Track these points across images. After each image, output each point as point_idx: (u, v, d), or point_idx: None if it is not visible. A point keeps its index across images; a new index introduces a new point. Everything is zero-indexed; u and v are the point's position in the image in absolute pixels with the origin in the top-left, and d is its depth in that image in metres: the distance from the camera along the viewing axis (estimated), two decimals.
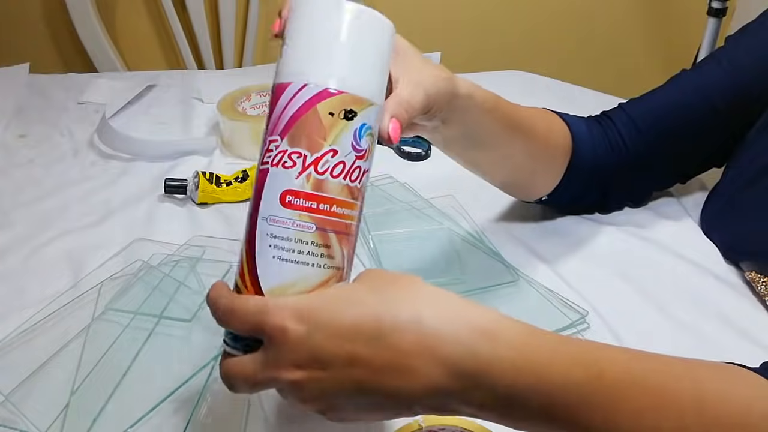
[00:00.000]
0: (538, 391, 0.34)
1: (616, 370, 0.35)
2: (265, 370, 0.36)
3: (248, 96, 0.92)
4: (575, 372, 0.34)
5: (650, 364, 0.37)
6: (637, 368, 0.36)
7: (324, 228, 0.38)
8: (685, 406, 0.34)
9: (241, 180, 0.77)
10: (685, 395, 0.35)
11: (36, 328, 0.56)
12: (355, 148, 0.38)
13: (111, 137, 0.87)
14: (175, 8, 1.50)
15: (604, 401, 0.34)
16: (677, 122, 0.65)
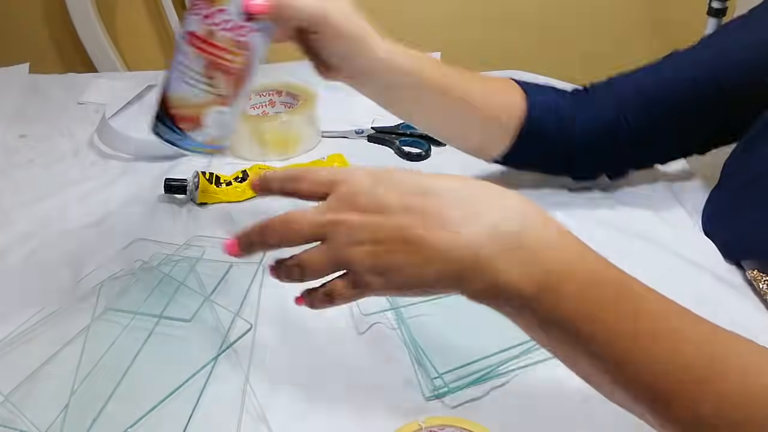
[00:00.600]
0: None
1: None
2: (328, 213, 0.39)
3: (248, 96, 0.92)
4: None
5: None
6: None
7: (210, 65, 0.53)
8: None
9: (241, 180, 0.77)
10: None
11: (36, 328, 0.56)
12: (243, 11, 0.51)
13: (111, 137, 0.87)
14: (175, 8, 1.50)
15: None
16: (680, 97, 0.65)
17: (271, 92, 0.93)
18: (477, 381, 0.50)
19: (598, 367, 0.36)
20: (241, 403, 0.49)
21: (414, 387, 0.50)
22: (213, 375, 0.51)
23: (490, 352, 0.52)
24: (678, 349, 0.35)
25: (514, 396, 0.49)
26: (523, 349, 0.52)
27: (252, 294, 0.60)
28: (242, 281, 0.61)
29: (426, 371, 0.51)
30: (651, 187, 0.76)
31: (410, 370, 0.52)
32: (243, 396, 0.49)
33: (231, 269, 0.63)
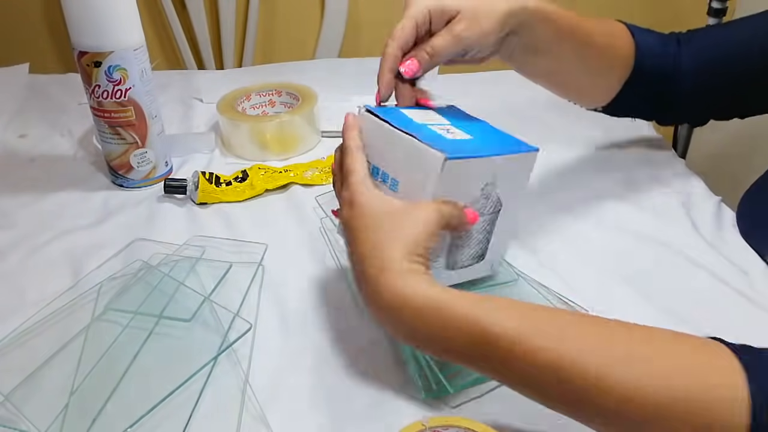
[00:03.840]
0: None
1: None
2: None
3: (248, 96, 0.92)
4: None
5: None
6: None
7: (113, 125, 0.75)
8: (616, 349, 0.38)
9: (241, 180, 0.77)
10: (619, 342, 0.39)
11: (36, 328, 0.56)
12: (110, 80, 0.71)
13: None
14: (175, 8, 1.50)
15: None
16: (749, 60, 0.65)
17: (271, 92, 0.93)
18: (477, 381, 0.50)
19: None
20: (241, 403, 0.49)
21: (414, 387, 0.50)
22: (213, 375, 0.51)
23: None
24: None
25: (515, 395, 0.49)
26: None
27: (252, 294, 0.60)
28: (242, 281, 0.61)
29: (426, 371, 0.51)
30: (652, 187, 0.76)
31: (410, 370, 0.52)
32: (243, 396, 0.49)
33: (231, 269, 0.63)
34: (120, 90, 0.72)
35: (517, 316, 0.39)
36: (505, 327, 0.38)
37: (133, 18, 0.72)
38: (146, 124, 0.76)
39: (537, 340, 0.38)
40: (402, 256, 0.42)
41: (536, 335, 0.38)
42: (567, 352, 0.37)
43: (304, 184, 0.79)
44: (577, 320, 0.41)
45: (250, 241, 0.67)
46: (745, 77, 0.66)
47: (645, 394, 0.35)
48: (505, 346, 0.38)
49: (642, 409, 0.35)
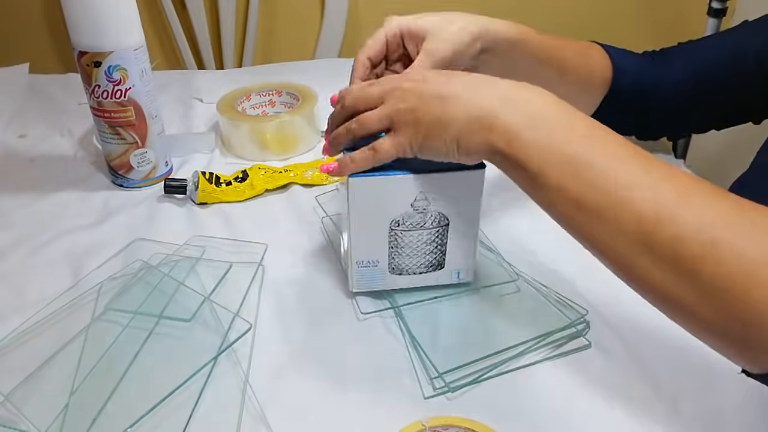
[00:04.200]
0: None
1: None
2: (387, 85, 0.50)
3: (248, 96, 0.92)
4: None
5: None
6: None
7: (113, 125, 0.75)
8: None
9: (241, 180, 0.77)
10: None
11: (36, 328, 0.56)
12: (110, 80, 0.71)
13: None
14: (175, 8, 1.50)
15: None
16: (724, 74, 0.67)
17: (271, 92, 0.93)
18: (477, 380, 0.50)
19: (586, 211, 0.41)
20: (241, 403, 0.49)
21: (414, 387, 0.50)
22: (213, 375, 0.51)
23: (490, 352, 0.52)
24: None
25: (515, 395, 0.49)
26: (523, 349, 0.52)
27: (252, 294, 0.60)
28: (242, 281, 0.61)
29: (426, 371, 0.51)
30: None
31: (410, 370, 0.52)
32: (243, 396, 0.49)
33: (231, 269, 0.63)
34: (120, 90, 0.72)
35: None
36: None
37: (133, 18, 0.72)
38: (146, 124, 0.76)
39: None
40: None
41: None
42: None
43: (304, 184, 0.79)
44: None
45: (250, 241, 0.67)
46: (721, 92, 0.68)
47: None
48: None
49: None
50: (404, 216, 0.53)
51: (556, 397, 0.49)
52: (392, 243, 0.55)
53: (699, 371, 0.51)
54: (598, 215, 0.40)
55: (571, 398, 0.49)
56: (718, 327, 0.36)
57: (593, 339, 0.54)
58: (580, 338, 0.54)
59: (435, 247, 0.55)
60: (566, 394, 0.49)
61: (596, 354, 0.53)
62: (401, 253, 0.56)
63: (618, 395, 0.49)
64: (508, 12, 1.69)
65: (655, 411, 0.48)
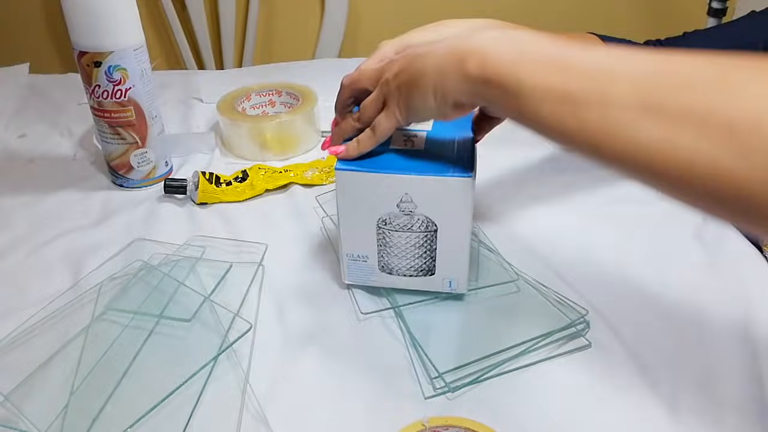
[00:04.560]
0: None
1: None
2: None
3: (248, 96, 0.92)
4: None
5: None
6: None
7: (113, 125, 0.75)
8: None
9: (241, 180, 0.77)
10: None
11: (36, 328, 0.56)
12: (110, 80, 0.71)
13: None
14: (175, 8, 1.50)
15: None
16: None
17: (271, 92, 0.93)
18: (477, 380, 0.50)
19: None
20: (241, 403, 0.49)
21: (414, 387, 0.50)
22: (213, 375, 0.51)
23: (490, 352, 0.52)
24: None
25: (514, 395, 0.49)
26: (523, 349, 0.52)
27: (252, 294, 0.60)
28: (242, 281, 0.61)
29: (426, 371, 0.51)
30: None
31: (410, 369, 0.52)
32: (243, 396, 0.49)
33: (231, 269, 0.63)
34: (120, 90, 0.73)
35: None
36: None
37: (133, 18, 0.72)
38: (146, 124, 0.76)
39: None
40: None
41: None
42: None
43: (304, 184, 0.79)
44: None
45: (250, 241, 0.67)
46: None
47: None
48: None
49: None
50: (391, 215, 0.53)
51: (556, 397, 0.49)
52: (380, 241, 0.55)
53: (699, 371, 0.51)
54: (594, 102, 0.36)
55: (571, 398, 0.49)
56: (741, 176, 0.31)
57: (593, 339, 0.54)
58: (580, 338, 0.54)
59: (424, 251, 0.55)
60: (566, 394, 0.49)
61: (596, 354, 0.53)
62: (390, 253, 0.56)
63: (618, 395, 0.49)
64: (506, 8, 1.69)
65: (654, 411, 0.48)
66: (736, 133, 0.30)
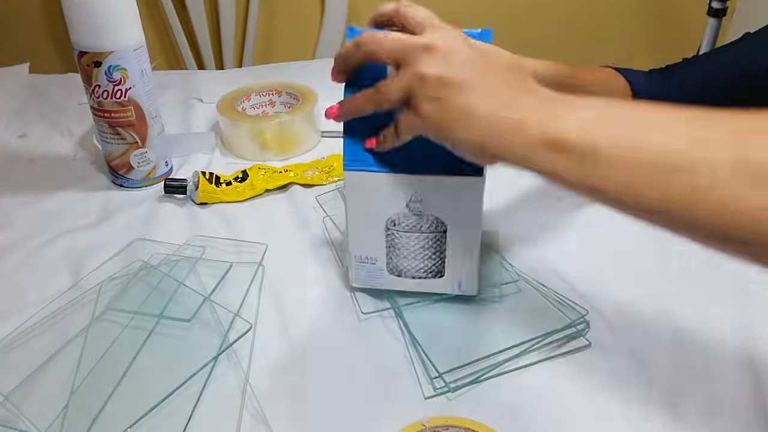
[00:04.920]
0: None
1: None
2: (407, 40, 0.44)
3: (248, 96, 0.92)
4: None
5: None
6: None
7: (113, 125, 0.75)
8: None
9: (241, 180, 0.77)
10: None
11: (36, 328, 0.56)
12: (110, 80, 0.71)
13: None
14: (175, 8, 1.50)
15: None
16: (736, 92, 0.66)
17: (271, 92, 0.93)
18: (477, 380, 0.50)
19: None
20: (241, 403, 0.49)
21: (414, 387, 0.50)
22: (213, 375, 0.51)
23: (490, 352, 0.52)
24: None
25: (514, 395, 0.49)
26: (523, 349, 0.52)
27: (252, 294, 0.60)
28: (242, 281, 0.61)
29: (426, 371, 0.51)
30: None
31: (410, 370, 0.52)
32: (243, 396, 0.49)
33: (231, 269, 0.63)
34: (120, 90, 0.73)
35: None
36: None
37: (133, 18, 0.72)
38: (146, 124, 0.76)
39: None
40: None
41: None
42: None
43: (304, 184, 0.79)
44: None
45: (250, 241, 0.67)
46: (738, 101, 0.68)
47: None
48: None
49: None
50: (400, 216, 0.53)
51: (556, 397, 0.49)
52: (389, 243, 0.55)
53: (699, 371, 0.51)
54: (684, 169, 0.32)
55: (571, 398, 0.49)
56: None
57: (593, 339, 0.54)
58: (580, 338, 0.54)
59: (433, 252, 0.55)
60: (566, 394, 0.49)
61: (596, 354, 0.53)
62: (399, 254, 0.55)
63: (618, 395, 0.49)
64: (506, 7, 1.70)
65: (654, 410, 0.48)
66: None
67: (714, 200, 0.32)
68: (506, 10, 1.67)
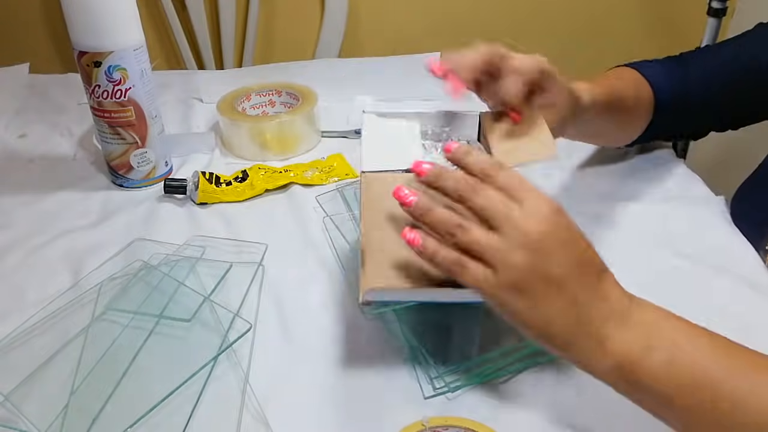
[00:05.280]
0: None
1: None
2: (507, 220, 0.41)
3: (248, 96, 0.92)
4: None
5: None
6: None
7: (113, 125, 0.75)
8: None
9: (241, 180, 0.77)
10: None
11: (36, 328, 0.56)
12: (110, 80, 0.71)
13: None
14: (175, 8, 1.50)
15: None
16: (741, 83, 0.69)
17: (271, 92, 0.93)
18: (477, 380, 0.50)
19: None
20: (241, 403, 0.49)
21: (414, 387, 0.50)
22: (213, 375, 0.51)
23: (489, 352, 0.52)
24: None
25: (514, 395, 0.49)
26: (523, 349, 0.52)
27: (252, 294, 0.60)
28: (242, 281, 0.61)
29: (426, 371, 0.51)
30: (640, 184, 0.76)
31: (410, 370, 0.52)
32: (243, 396, 0.49)
33: (231, 269, 0.63)
34: (120, 90, 0.73)
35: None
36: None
37: (133, 18, 0.72)
38: (146, 124, 0.76)
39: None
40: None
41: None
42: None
43: (304, 184, 0.79)
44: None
45: (250, 241, 0.67)
46: (738, 97, 0.70)
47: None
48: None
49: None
50: None
51: (556, 397, 0.49)
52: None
53: None
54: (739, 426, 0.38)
55: (570, 398, 0.49)
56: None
57: None
58: None
59: None
60: (566, 394, 0.49)
61: None
62: None
63: (617, 395, 0.49)
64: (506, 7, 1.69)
65: None
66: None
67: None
68: (506, 10, 1.67)
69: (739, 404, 0.38)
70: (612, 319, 0.41)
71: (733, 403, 0.38)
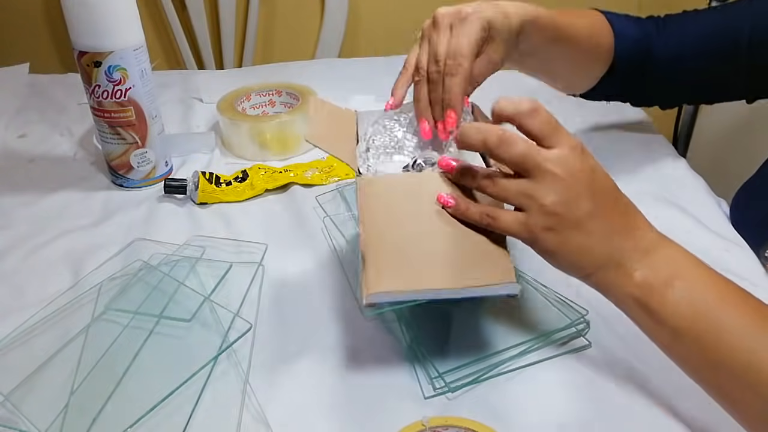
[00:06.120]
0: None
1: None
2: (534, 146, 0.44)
3: (248, 96, 0.92)
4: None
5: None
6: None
7: (113, 125, 0.75)
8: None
9: (241, 180, 0.77)
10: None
11: (36, 328, 0.56)
12: (110, 80, 0.71)
13: None
14: (175, 8, 1.50)
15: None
16: (717, 52, 0.68)
17: (271, 92, 0.93)
18: (477, 380, 0.50)
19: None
20: (241, 403, 0.49)
21: (414, 387, 0.50)
22: (213, 375, 0.51)
23: (490, 352, 0.52)
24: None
25: (514, 395, 0.49)
26: (523, 349, 0.52)
27: (252, 294, 0.60)
28: (242, 281, 0.61)
29: (426, 371, 0.51)
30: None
31: (410, 369, 0.52)
32: (243, 396, 0.49)
33: (231, 269, 0.63)
34: (120, 90, 0.73)
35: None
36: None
37: (132, 18, 0.72)
38: (146, 124, 0.76)
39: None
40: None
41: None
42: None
43: (304, 184, 0.79)
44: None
45: (250, 241, 0.67)
46: (714, 68, 0.69)
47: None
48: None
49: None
50: None
51: (555, 396, 0.49)
52: None
53: None
54: (736, 376, 0.41)
55: (570, 398, 0.49)
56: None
57: (593, 339, 0.54)
58: (580, 338, 0.54)
59: None
60: (566, 394, 0.49)
61: (596, 354, 0.53)
62: None
63: (618, 395, 0.49)
64: None
65: (654, 411, 0.48)
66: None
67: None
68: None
69: (738, 348, 0.41)
70: (638, 251, 0.44)
71: (732, 347, 0.41)
